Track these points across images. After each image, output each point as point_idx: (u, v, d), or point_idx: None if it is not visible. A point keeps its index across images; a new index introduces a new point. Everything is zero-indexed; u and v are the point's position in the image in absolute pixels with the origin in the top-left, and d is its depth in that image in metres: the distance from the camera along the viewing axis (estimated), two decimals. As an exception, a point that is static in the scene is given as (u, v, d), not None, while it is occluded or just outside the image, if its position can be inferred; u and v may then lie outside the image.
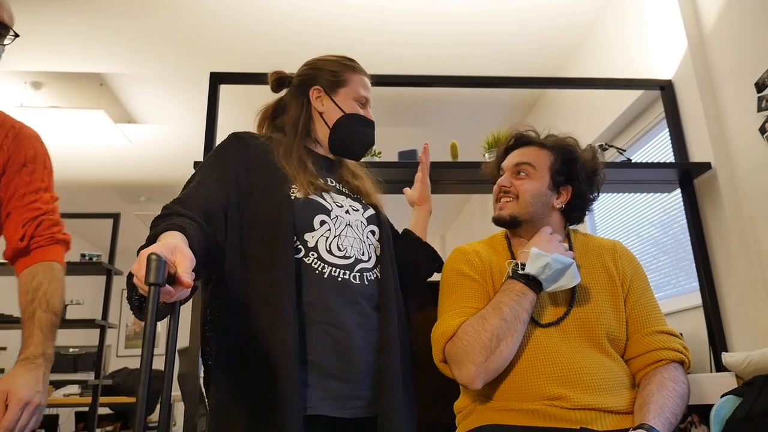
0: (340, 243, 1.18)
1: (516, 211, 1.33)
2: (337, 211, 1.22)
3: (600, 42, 3.18)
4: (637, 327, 1.27)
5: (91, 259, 3.62)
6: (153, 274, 0.74)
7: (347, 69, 1.35)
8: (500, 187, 1.37)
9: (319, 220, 1.18)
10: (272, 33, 3.19)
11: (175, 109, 4.15)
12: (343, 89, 1.33)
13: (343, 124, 1.32)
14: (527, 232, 1.35)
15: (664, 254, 2.71)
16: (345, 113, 1.32)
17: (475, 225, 5.80)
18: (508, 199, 1.35)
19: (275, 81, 1.40)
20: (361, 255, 1.21)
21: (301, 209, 1.17)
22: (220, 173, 1.18)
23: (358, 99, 1.34)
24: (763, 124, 2.03)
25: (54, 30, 3.17)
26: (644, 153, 2.90)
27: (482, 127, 2.69)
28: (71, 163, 4.99)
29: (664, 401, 1.12)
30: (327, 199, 1.23)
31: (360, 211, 1.28)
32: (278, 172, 1.21)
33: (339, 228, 1.20)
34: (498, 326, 1.15)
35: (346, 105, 1.33)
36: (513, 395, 1.19)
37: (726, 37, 2.25)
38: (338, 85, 1.34)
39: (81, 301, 4.08)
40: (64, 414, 5.03)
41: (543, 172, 1.35)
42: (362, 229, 1.25)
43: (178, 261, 0.82)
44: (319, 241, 1.16)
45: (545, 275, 1.19)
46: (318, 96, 1.34)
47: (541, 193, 1.34)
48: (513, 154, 1.42)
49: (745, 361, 1.66)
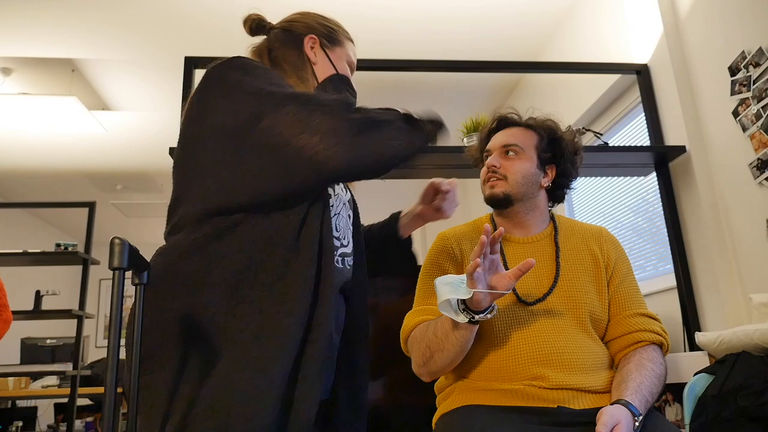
0: (338, 223, 1.12)
1: (507, 190, 1.34)
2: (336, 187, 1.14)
3: (577, 27, 3.20)
4: (618, 309, 1.30)
5: (66, 248, 3.56)
6: (117, 258, 0.73)
7: (343, 32, 1.28)
8: (489, 167, 1.37)
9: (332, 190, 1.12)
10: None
11: (149, 95, 4.07)
12: (339, 48, 1.24)
13: (335, 84, 1.19)
14: (516, 214, 1.36)
15: (640, 238, 2.75)
16: (338, 72, 1.21)
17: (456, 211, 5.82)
18: (498, 178, 1.35)
19: (254, 22, 1.26)
20: (344, 239, 1.15)
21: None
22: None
23: (350, 64, 1.26)
24: (736, 107, 2.07)
25: (23, 14, 3.08)
26: (621, 137, 2.93)
27: (461, 111, 2.69)
28: (44, 151, 4.88)
29: (642, 380, 1.14)
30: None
31: (345, 192, 1.20)
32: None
33: (338, 207, 1.13)
34: (431, 340, 1.20)
35: (340, 65, 1.22)
36: (493, 375, 1.20)
37: (700, 21, 2.27)
38: (334, 42, 1.24)
39: (57, 292, 4.03)
40: (42, 405, 4.99)
41: (530, 152, 1.37)
42: (348, 211, 1.19)
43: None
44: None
45: (444, 299, 1.10)
46: (312, 46, 1.21)
47: (530, 173, 1.36)
48: (498, 135, 1.41)
49: (717, 340, 1.70)
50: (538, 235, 1.37)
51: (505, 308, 1.25)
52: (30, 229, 6.57)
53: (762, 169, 1.95)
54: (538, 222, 1.38)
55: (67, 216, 6.47)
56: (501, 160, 1.36)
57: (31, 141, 4.67)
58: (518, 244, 1.35)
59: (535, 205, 1.38)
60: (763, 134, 1.95)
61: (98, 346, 7.49)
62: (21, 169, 5.25)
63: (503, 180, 1.34)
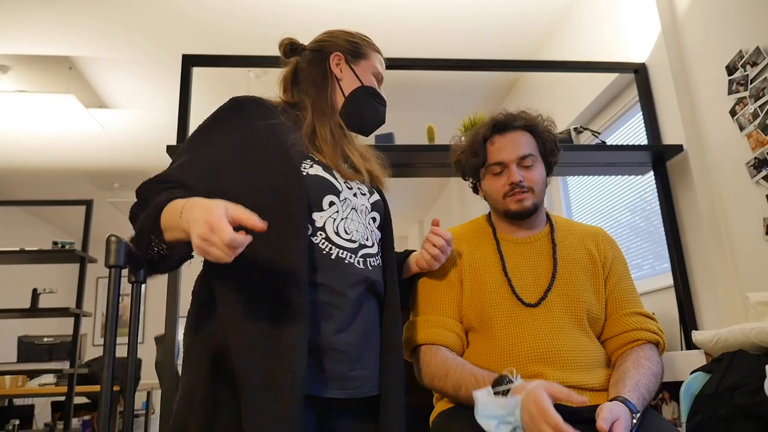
0: (347, 226, 1.15)
1: (536, 201, 1.34)
2: (346, 192, 1.18)
3: (576, 26, 3.20)
4: (615, 308, 1.31)
5: (63, 246, 3.55)
6: (114, 256, 0.73)
7: (368, 44, 1.34)
8: (515, 183, 1.32)
9: (328, 201, 1.13)
10: (245, 15, 3.13)
11: (147, 93, 4.06)
12: (364, 61, 1.31)
13: (360, 95, 1.29)
14: (528, 220, 1.36)
15: (637, 236, 2.75)
16: (363, 84, 1.29)
17: (454, 210, 5.82)
18: (524, 191, 1.32)
19: (288, 46, 1.34)
20: (365, 240, 1.18)
21: (313, 187, 1.11)
22: (207, 152, 1.12)
23: (376, 74, 1.33)
24: (734, 106, 2.07)
25: (21, 11, 3.07)
26: (619, 136, 2.94)
27: (459, 110, 2.69)
28: (41, 149, 4.86)
29: (639, 378, 1.15)
30: (338, 178, 1.18)
31: (366, 196, 1.23)
32: (290, 143, 1.14)
33: (346, 211, 1.16)
34: (465, 382, 1.16)
35: (365, 77, 1.30)
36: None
37: (698, 21, 2.27)
38: (359, 56, 1.31)
39: (54, 290, 4.02)
40: (39, 404, 4.98)
41: (539, 158, 1.37)
42: (365, 215, 1.21)
43: (232, 211, 0.85)
44: (327, 222, 1.12)
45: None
46: (338, 63, 1.30)
47: (545, 178, 1.38)
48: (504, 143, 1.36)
49: (714, 338, 1.70)
50: (536, 235, 1.37)
51: (503, 307, 1.25)
52: (27, 227, 6.56)
53: (759, 168, 1.96)
54: (538, 222, 1.39)
55: (64, 214, 6.45)
56: (522, 171, 1.33)
57: (28, 139, 4.66)
58: (517, 244, 1.36)
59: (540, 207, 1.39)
60: (760, 133, 1.96)
61: (95, 344, 7.48)
62: (18, 167, 5.24)
63: (530, 192, 1.33)
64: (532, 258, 1.33)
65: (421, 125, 2.41)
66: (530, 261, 1.33)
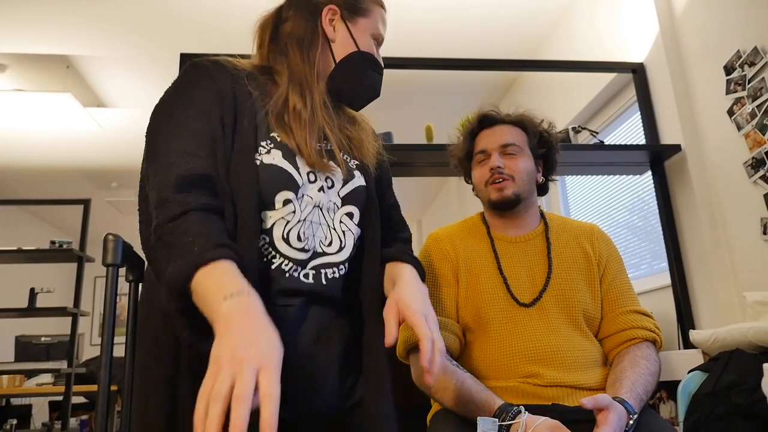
0: (302, 231, 0.95)
1: (516, 190, 1.32)
2: (308, 187, 0.97)
3: (574, 26, 3.20)
4: (611, 306, 1.30)
5: (61, 246, 3.54)
6: (111, 255, 0.73)
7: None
8: (494, 169, 1.32)
9: (282, 199, 0.94)
10: (243, 15, 3.12)
11: (145, 92, 4.06)
12: (363, 20, 1.09)
13: (354, 62, 1.06)
14: (516, 213, 1.35)
15: (635, 236, 2.76)
16: (359, 49, 1.07)
17: (452, 209, 5.83)
18: (504, 178, 1.32)
19: None
20: (326, 246, 0.98)
21: (265, 179, 0.92)
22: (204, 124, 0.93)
23: (376, 36, 1.11)
24: (731, 106, 2.07)
25: (18, 10, 3.06)
26: (617, 135, 2.94)
27: (457, 109, 2.69)
28: (39, 148, 4.85)
29: (636, 377, 1.14)
30: (300, 168, 0.96)
31: (336, 187, 1.01)
32: (248, 120, 0.95)
33: (305, 211, 0.96)
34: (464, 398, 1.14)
35: (363, 40, 1.08)
36: (488, 374, 1.21)
37: (696, 20, 2.28)
38: (358, 12, 1.08)
39: (52, 289, 4.01)
40: (37, 403, 4.97)
41: (526, 150, 1.36)
42: (333, 213, 1.01)
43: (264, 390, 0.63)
44: (276, 225, 0.94)
45: None
46: (332, 18, 1.07)
47: (531, 170, 1.36)
48: (490, 135, 1.38)
49: (711, 338, 1.70)
50: (530, 234, 1.37)
51: (498, 307, 1.25)
52: (24, 227, 6.55)
53: (756, 168, 1.96)
54: (531, 220, 1.38)
55: (61, 213, 6.43)
56: (503, 159, 1.33)
57: (26, 138, 4.65)
58: (511, 243, 1.35)
59: (532, 202, 1.38)
60: (757, 133, 1.96)
61: (93, 344, 7.46)
62: (15, 166, 5.23)
63: (510, 180, 1.31)
64: (526, 257, 1.33)
65: (419, 124, 2.41)
66: (525, 260, 1.32)
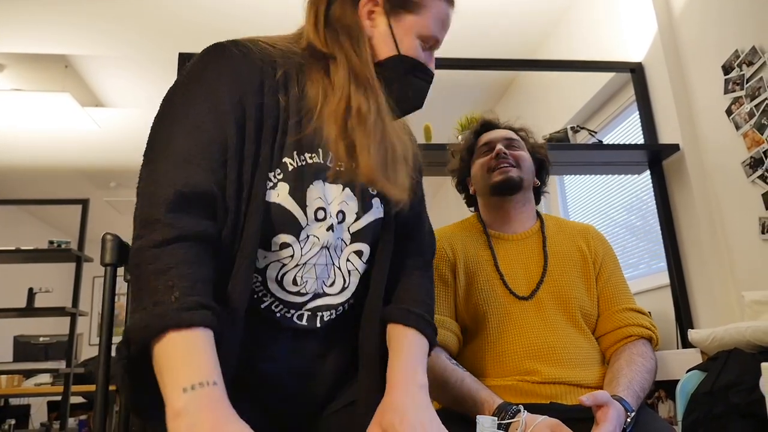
0: (300, 275, 0.85)
1: (521, 174, 1.34)
2: (313, 227, 0.84)
3: (573, 26, 3.20)
4: (607, 305, 1.31)
5: (59, 245, 3.54)
6: (109, 254, 0.73)
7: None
8: (500, 153, 1.34)
9: (280, 242, 0.82)
10: (242, 14, 3.13)
11: (144, 91, 4.06)
12: (412, 17, 0.89)
13: (391, 69, 0.89)
14: (514, 204, 1.37)
15: (633, 236, 2.76)
16: (399, 53, 0.89)
17: (450, 209, 5.82)
18: (510, 164, 1.34)
19: None
20: (329, 287, 0.88)
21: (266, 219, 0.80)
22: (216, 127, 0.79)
23: (427, 38, 0.91)
24: (730, 105, 2.07)
25: (16, 9, 3.06)
26: (615, 135, 2.94)
27: (456, 109, 2.69)
28: (37, 148, 4.85)
29: (633, 375, 1.15)
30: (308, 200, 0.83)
31: (347, 221, 0.88)
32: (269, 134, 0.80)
33: (307, 255, 0.84)
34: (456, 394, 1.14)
35: (406, 42, 0.89)
36: (485, 371, 1.21)
37: (694, 20, 2.28)
38: (406, 6, 0.89)
39: (50, 289, 4.01)
40: (35, 404, 4.96)
41: (527, 151, 1.41)
42: (340, 251, 0.89)
43: None
44: (270, 266, 0.83)
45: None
46: (372, 11, 0.89)
47: (531, 165, 1.40)
48: (494, 133, 1.43)
49: (709, 337, 1.71)
50: (526, 232, 1.38)
51: (496, 305, 1.26)
52: (23, 226, 6.54)
53: (755, 168, 1.96)
54: (527, 218, 1.39)
55: (60, 213, 6.43)
56: (508, 150, 1.37)
57: (24, 137, 4.64)
58: (507, 241, 1.36)
59: (529, 198, 1.41)
60: (756, 133, 1.96)
61: (92, 344, 7.46)
62: (14, 165, 5.22)
63: (515, 167, 1.34)
64: (523, 254, 1.34)
65: (417, 124, 2.40)
66: (521, 257, 1.33)
